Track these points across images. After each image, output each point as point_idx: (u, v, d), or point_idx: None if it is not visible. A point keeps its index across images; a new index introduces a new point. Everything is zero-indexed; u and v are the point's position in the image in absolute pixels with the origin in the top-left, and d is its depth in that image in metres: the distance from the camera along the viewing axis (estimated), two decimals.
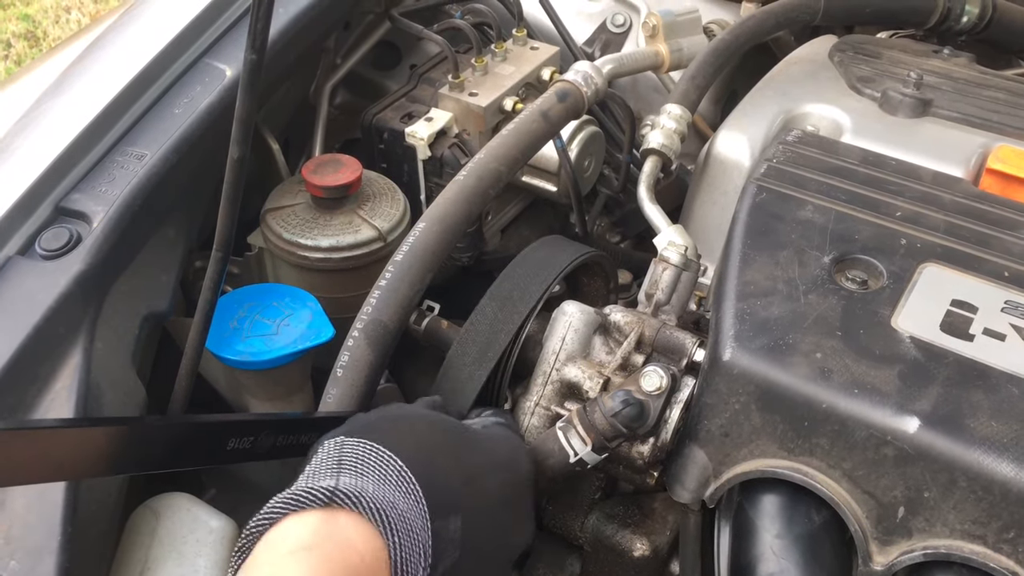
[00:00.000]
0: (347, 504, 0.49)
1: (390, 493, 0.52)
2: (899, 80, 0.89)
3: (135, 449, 0.52)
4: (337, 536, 0.49)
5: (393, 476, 0.53)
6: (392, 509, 0.50)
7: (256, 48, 0.60)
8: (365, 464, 0.53)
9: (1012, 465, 0.54)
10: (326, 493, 0.49)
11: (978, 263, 0.66)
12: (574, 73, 0.87)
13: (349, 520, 0.49)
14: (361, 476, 0.52)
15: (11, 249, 0.73)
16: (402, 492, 0.52)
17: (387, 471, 0.53)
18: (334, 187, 0.93)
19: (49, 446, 0.48)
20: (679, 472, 0.65)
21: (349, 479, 0.51)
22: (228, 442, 0.56)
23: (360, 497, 0.50)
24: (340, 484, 0.50)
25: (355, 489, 0.50)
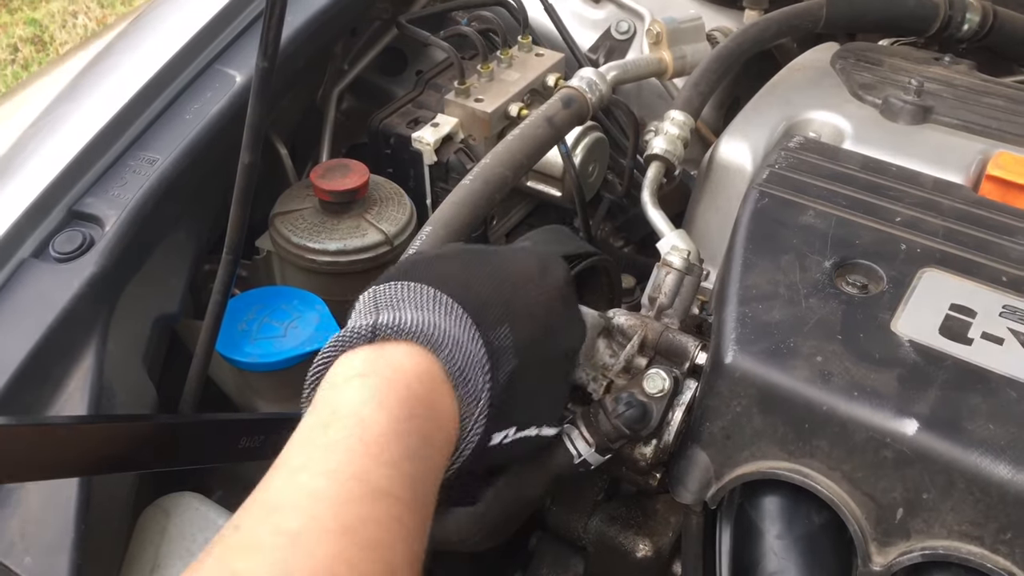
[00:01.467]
0: (390, 335, 0.50)
1: (429, 316, 0.52)
2: (900, 87, 0.90)
3: (147, 446, 0.52)
4: (388, 363, 0.49)
5: (429, 302, 0.53)
6: (435, 328, 0.51)
7: (268, 56, 0.61)
8: (400, 299, 0.53)
9: (1009, 467, 0.54)
10: (367, 329, 0.50)
11: (977, 268, 0.67)
12: (579, 79, 0.88)
13: (396, 348, 0.50)
14: (397, 310, 0.52)
15: (25, 252, 0.74)
16: (442, 314, 0.52)
17: (422, 300, 0.53)
18: (342, 192, 0.94)
19: (61, 442, 0.49)
20: (681, 474, 0.66)
21: (387, 315, 0.52)
22: (240, 440, 0.57)
23: (400, 326, 0.50)
24: (380, 320, 0.51)
25: (395, 321, 0.51)
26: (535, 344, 0.56)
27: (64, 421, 0.54)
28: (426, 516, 0.47)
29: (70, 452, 0.48)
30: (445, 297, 0.53)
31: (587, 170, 1.07)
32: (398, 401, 0.48)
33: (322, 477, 0.44)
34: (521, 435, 0.57)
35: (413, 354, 0.50)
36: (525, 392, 0.56)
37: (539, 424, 0.59)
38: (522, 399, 0.56)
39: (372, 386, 0.48)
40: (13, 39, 3.71)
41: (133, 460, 0.53)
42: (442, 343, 0.51)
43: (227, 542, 0.42)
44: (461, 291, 0.54)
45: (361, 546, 0.42)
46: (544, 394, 0.59)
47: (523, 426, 0.57)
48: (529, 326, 0.56)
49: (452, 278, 0.55)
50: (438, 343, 0.51)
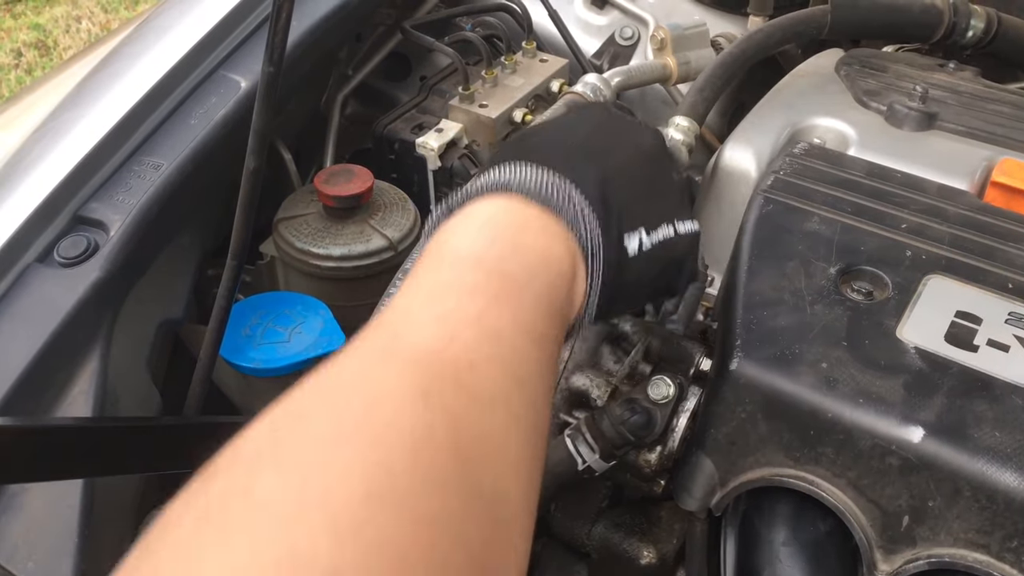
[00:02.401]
0: (486, 193, 0.50)
1: (498, 171, 0.51)
2: (905, 94, 0.90)
3: (151, 449, 0.52)
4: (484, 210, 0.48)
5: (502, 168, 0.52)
6: (503, 172, 0.50)
7: (274, 61, 0.62)
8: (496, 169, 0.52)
9: (1015, 475, 0.54)
10: (466, 195, 0.50)
11: (982, 275, 0.67)
12: (583, 85, 0.89)
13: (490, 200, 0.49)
14: (487, 175, 0.51)
15: (30, 257, 0.75)
16: (514, 166, 0.51)
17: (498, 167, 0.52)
18: (346, 197, 0.94)
19: (66, 443, 0.49)
20: (686, 480, 0.66)
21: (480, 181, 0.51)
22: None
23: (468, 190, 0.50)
24: (473, 187, 0.51)
25: (484, 183, 0.50)
26: (616, 148, 0.55)
27: (69, 423, 0.54)
28: (554, 352, 0.46)
29: (75, 453, 0.48)
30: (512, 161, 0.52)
31: None
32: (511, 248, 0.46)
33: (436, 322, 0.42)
34: (659, 236, 0.54)
35: (489, 202, 0.49)
36: (630, 192, 0.54)
37: (670, 220, 0.55)
38: (632, 198, 0.53)
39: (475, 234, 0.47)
40: (17, 44, 3.72)
41: (138, 462, 0.53)
42: (508, 183, 0.50)
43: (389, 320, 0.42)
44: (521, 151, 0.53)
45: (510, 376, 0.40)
46: (654, 193, 0.56)
47: (653, 225, 0.54)
48: (599, 145, 0.55)
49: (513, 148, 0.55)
50: (506, 184, 0.50)
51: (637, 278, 0.54)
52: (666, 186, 0.57)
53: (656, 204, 0.56)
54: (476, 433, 0.37)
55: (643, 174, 0.56)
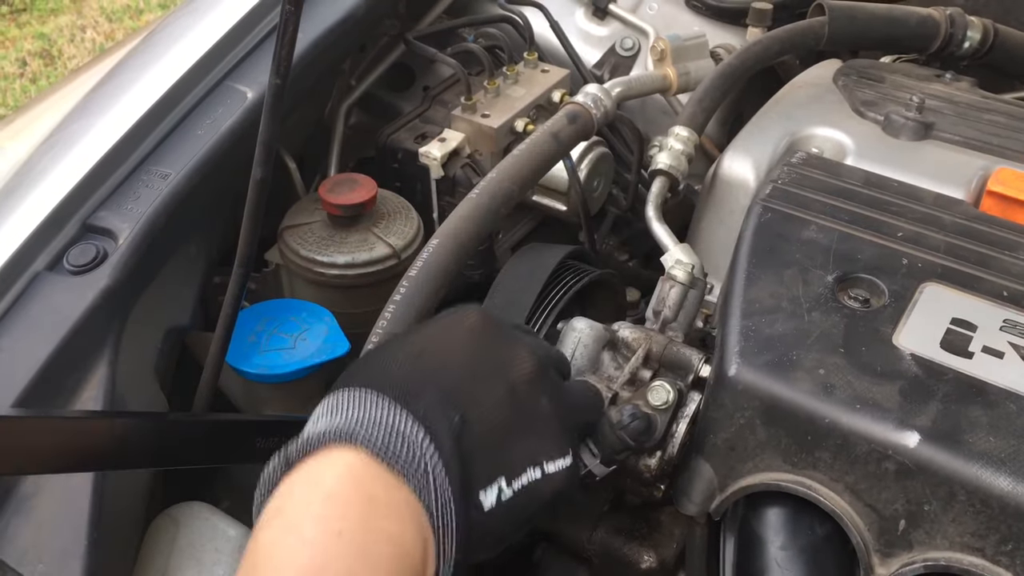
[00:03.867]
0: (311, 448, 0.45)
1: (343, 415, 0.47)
2: (902, 104, 0.91)
3: (164, 443, 0.52)
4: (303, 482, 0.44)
5: (344, 403, 0.48)
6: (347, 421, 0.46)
7: (280, 73, 0.63)
8: (318, 415, 0.48)
9: (1009, 479, 0.55)
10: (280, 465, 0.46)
11: (978, 283, 0.68)
12: (584, 95, 0.90)
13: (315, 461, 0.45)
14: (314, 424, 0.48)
15: (40, 264, 0.76)
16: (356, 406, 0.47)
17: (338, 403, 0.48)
18: (350, 205, 0.95)
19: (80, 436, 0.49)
20: (685, 485, 0.67)
21: (311, 429, 0.47)
22: (256, 441, 0.57)
23: (307, 440, 0.46)
24: (304, 437, 0.47)
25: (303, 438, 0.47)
26: (478, 380, 0.51)
27: (80, 415, 0.55)
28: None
29: (85, 446, 0.49)
30: (361, 390, 0.48)
31: (592, 185, 1.08)
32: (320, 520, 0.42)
33: None
34: (521, 483, 0.50)
35: (333, 462, 0.45)
36: (490, 438, 0.49)
37: (536, 462, 0.51)
38: (489, 447, 0.49)
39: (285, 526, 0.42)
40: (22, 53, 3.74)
41: (148, 457, 0.53)
42: (354, 431, 0.45)
43: None
44: (379, 379, 0.49)
45: None
46: (519, 431, 0.51)
47: (515, 472, 0.50)
48: (457, 375, 0.51)
49: (373, 371, 0.51)
50: (352, 433, 0.45)
51: (498, 528, 0.49)
52: (535, 422, 0.52)
53: (521, 445, 0.51)
54: None
55: (509, 413, 0.51)
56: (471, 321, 0.55)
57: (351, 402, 0.47)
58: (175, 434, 0.53)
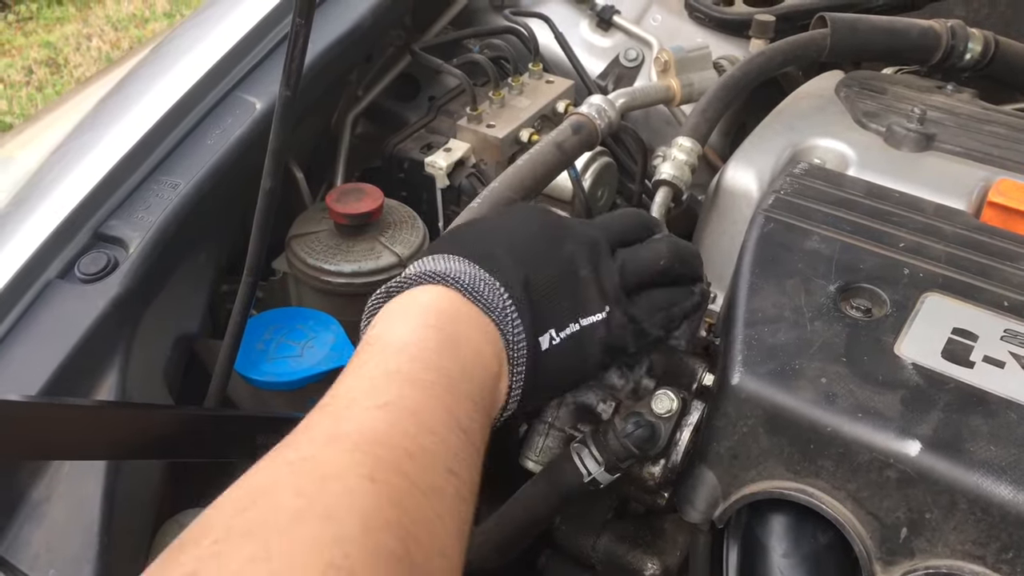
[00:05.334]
0: (415, 282, 0.55)
1: (428, 265, 0.57)
2: (903, 115, 0.92)
3: (167, 434, 0.53)
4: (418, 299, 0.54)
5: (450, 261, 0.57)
6: (436, 267, 0.56)
7: (291, 84, 0.64)
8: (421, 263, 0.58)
9: (1010, 488, 0.56)
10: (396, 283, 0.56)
11: (979, 293, 0.68)
12: (588, 106, 0.91)
13: (421, 290, 0.55)
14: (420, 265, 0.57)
15: (51, 273, 0.77)
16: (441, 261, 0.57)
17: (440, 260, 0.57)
18: (357, 215, 0.96)
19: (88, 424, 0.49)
20: (689, 493, 0.67)
21: (413, 269, 0.57)
22: (257, 437, 0.57)
23: (426, 274, 0.55)
24: (406, 273, 0.57)
25: (420, 271, 0.56)
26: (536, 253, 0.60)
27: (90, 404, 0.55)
28: (481, 446, 0.50)
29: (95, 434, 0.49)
30: (460, 257, 0.57)
31: (596, 194, 1.09)
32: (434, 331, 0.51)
33: (378, 410, 0.45)
34: (565, 333, 0.59)
35: (442, 294, 0.54)
36: (544, 295, 0.58)
37: (575, 318, 0.60)
38: (545, 301, 0.58)
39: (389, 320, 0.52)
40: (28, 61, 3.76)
41: (154, 448, 0.53)
42: (452, 273, 0.55)
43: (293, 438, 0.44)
44: (460, 246, 0.59)
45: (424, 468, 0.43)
46: (565, 291, 0.60)
47: (561, 325, 0.59)
48: (523, 245, 0.60)
49: (459, 243, 0.60)
50: (448, 275, 0.55)
51: (551, 371, 0.59)
52: (577, 285, 0.61)
53: (566, 304, 0.60)
54: (415, 517, 0.41)
55: (559, 279, 0.60)
56: (531, 209, 0.66)
57: (439, 260, 0.57)
58: (178, 426, 0.53)
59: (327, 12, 0.99)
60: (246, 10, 0.98)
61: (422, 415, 0.46)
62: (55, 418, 0.46)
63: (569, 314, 0.60)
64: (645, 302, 0.64)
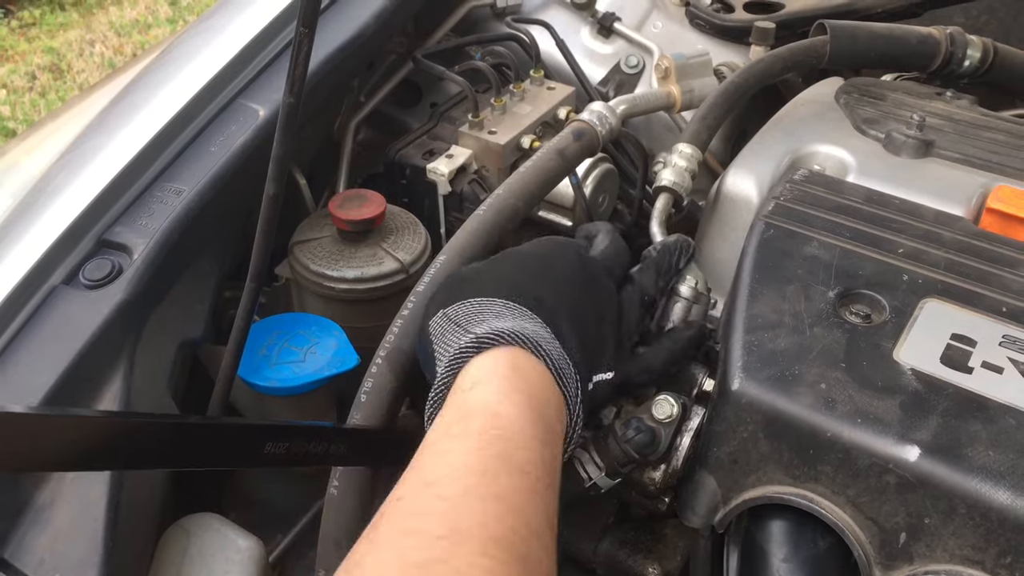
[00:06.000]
0: (494, 343, 0.57)
1: (512, 323, 0.59)
2: (903, 122, 0.92)
3: (175, 444, 0.52)
4: (504, 365, 0.56)
5: (503, 310, 0.60)
6: (523, 330, 0.58)
7: (294, 92, 0.64)
8: (479, 313, 0.60)
9: (1009, 493, 0.56)
10: (472, 343, 0.57)
11: (977, 299, 0.69)
12: (589, 113, 0.91)
13: (504, 353, 0.57)
14: (486, 322, 0.59)
15: (56, 279, 0.77)
16: (519, 317, 0.60)
17: (497, 309, 0.60)
18: (359, 221, 0.97)
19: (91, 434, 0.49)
20: (689, 498, 0.67)
21: (482, 327, 0.59)
22: (265, 445, 0.57)
23: (500, 333, 0.57)
24: (480, 332, 0.58)
25: (493, 330, 0.58)
26: (579, 310, 0.64)
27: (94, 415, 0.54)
28: (556, 488, 0.54)
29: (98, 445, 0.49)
30: (511, 303, 0.61)
31: (597, 200, 1.10)
32: (522, 396, 0.55)
33: (470, 455, 0.50)
34: (598, 378, 0.64)
35: (518, 355, 0.57)
36: (587, 350, 0.63)
37: (602, 369, 0.65)
38: (587, 356, 0.63)
39: (496, 387, 0.55)
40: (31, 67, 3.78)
41: (160, 457, 0.53)
42: (536, 341, 0.58)
43: (395, 509, 0.48)
44: (516, 293, 0.61)
45: (509, 509, 0.48)
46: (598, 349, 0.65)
47: (590, 375, 0.64)
48: (570, 298, 0.64)
49: (504, 284, 0.63)
50: (534, 342, 0.58)
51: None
52: (605, 344, 0.66)
53: (598, 359, 0.65)
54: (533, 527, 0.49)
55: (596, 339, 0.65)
56: (572, 252, 0.69)
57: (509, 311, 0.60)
58: (186, 435, 0.53)
59: (330, 20, 1.00)
60: (250, 17, 0.99)
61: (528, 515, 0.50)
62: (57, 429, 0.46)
63: (592, 370, 0.64)
64: (644, 363, 0.69)
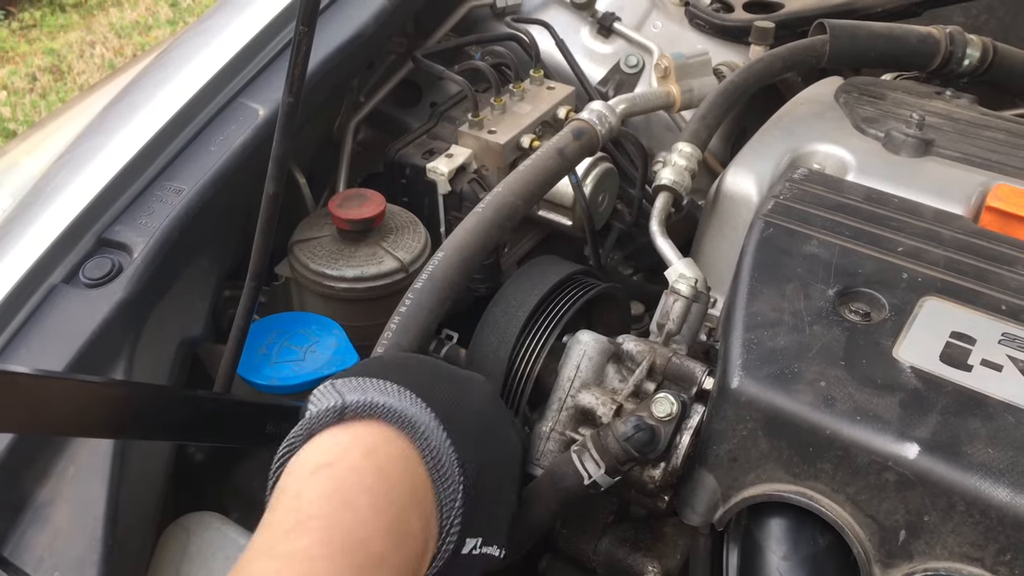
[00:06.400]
0: (360, 414, 0.49)
1: (397, 401, 0.51)
2: (902, 121, 0.92)
3: (175, 414, 0.52)
4: (358, 445, 0.48)
5: (395, 391, 0.52)
6: (405, 411, 0.50)
7: (293, 91, 0.64)
8: (364, 387, 0.52)
9: (1008, 490, 0.56)
10: (334, 411, 0.49)
11: (977, 297, 0.69)
12: (589, 112, 0.91)
13: (367, 428, 0.48)
14: (364, 393, 0.51)
15: (56, 277, 0.77)
16: (408, 401, 0.51)
17: (387, 388, 0.52)
18: (359, 220, 0.97)
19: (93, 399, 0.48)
20: (689, 496, 0.68)
21: (354, 396, 0.50)
22: (265, 425, 0.57)
23: (371, 405, 0.49)
24: (347, 400, 0.50)
25: (364, 400, 0.50)
26: (487, 452, 0.56)
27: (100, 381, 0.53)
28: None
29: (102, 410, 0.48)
30: (408, 391, 0.52)
31: (597, 200, 1.10)
32: (370, 495, 0.45)
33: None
34: (484, 550, 0.55)
35: (386, 434, 0.49)
36: (485, 501, 0.55)
37: (496, 542, 0.57)
38: (483, 509, 0.55)
39: (339, 478, 0.46)
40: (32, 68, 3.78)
41: (160, 428, 0.52)
42: (416, 423, 0.50)
43: None
44: (423, 389, 0.53)
45: None
46: (499, 509, 0.58)
47: (487, 540, 0.55)
48: (477, 430, 0.56)
49: (412, 377, 0.55)
50: (412, 423, 0.50)
51: (456, 571, 0.55)
52: (507, 506, 0.59)
53: (493, 519, 0.57)
54: None
55: (494, 485, 0.57)
56: (491, 389, 0.62)
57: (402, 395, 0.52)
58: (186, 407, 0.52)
59: (330, 19, 1.00)
60: (249, 17, 0.99)
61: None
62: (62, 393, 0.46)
63: (494, 534, 0.57)
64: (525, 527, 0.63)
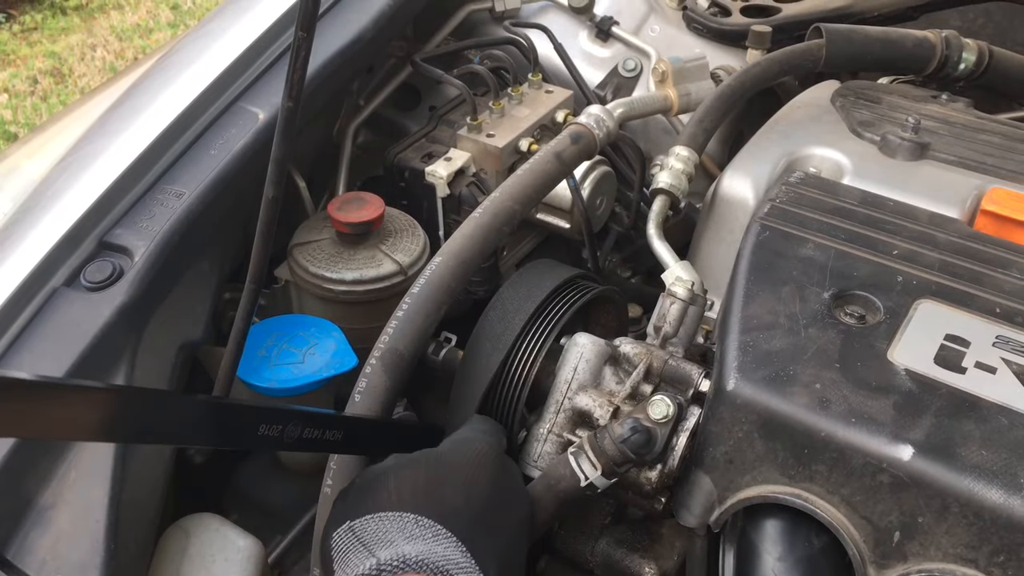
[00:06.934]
0: (397, 570, 0.50)
1: (423, 545, 0.52)
2: (898, 124, 0.93)
3: (169, 419, 0.52)
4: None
5: (416, 529, 0.54)
6: (436, 557, 0.52)
7: (293, 95, 0.65)
8: (386, 532, 0.53)
9: (1001, 492, 0.56)
10: (374, 571, 0.51)
11: (971, 300, 0.69)
12: (587, 116, 0.92)
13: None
14: (391, 544, 0.53)
15: (58, 281, 0.78)
16: (432, 540, 0.53)
17: (408, 528, 0.54)
18: (358, 223, 0.97)
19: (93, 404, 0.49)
20: (685, 497, 0.68)
21: (385, 552, 0.52)
22: (259, 427, 0.57)
23: (406, 560, 0.51)
24: (382, 559, 0.51)
25: (397, 557, 0.51)
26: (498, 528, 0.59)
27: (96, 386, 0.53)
28: None
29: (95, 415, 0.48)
30: (423, 519, 0.54)
31: (595, 203, 1.10)
32: None
33: None
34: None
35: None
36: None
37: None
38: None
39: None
40: (33, 71, 3.78)
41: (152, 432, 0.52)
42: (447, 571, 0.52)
43: None
44: (437, 509, 0.55)
45: None
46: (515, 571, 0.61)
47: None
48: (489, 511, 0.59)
49: (420, 494, 0.56)
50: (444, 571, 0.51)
51: None
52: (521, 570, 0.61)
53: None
54: None
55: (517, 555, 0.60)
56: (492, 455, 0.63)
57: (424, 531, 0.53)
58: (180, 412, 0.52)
59: (329, 24, 1.00)
60: (249, 22, 1.00)
61: None
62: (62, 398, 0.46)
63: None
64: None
